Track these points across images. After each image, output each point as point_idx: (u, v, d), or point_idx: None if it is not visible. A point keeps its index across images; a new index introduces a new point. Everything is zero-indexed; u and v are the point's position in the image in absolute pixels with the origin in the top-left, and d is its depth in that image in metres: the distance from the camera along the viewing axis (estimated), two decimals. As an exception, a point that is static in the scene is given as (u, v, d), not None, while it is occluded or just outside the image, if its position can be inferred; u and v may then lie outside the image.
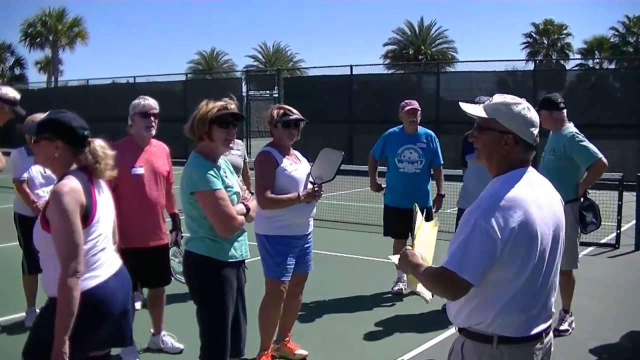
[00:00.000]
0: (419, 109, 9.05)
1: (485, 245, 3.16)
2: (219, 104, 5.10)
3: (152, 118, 6.66)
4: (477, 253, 3.17)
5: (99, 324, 4.13)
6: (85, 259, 3.99)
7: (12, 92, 6.73)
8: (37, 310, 7.76)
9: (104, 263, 4.21)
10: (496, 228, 3.15)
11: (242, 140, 9.04)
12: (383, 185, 9.44)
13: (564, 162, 7.47)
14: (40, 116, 7.78)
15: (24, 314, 7.87)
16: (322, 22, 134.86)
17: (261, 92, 33.01)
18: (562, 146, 7.47)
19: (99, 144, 4.33)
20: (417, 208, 3.99)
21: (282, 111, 6.44)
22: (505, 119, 3.34)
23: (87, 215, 4.05)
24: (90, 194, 4.12)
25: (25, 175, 7.67)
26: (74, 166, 4.20)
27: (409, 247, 3.65)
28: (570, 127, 7.57)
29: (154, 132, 6.70)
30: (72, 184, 4.01)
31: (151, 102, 6.74)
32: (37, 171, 7.70)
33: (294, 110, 6.50)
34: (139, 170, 6.57)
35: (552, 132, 7.66)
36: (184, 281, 5.96)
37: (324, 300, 8.86)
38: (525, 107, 3.37)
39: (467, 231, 3.22)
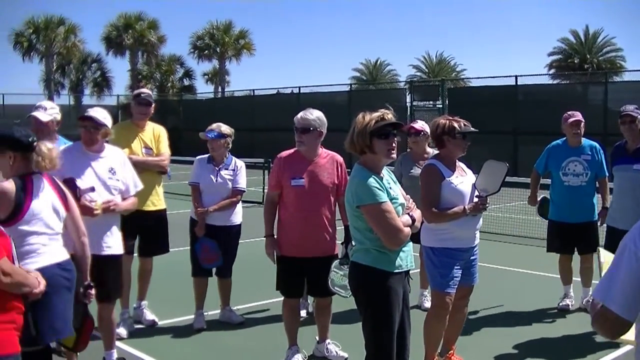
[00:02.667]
0: (583, 120, 8.82)
1: (634, 271, 2.84)
2: (376, 115, 5.10)
3: (300, 133, 6.68)
4: (625, 282, 2.86)
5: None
6: (23, 247, 4.67)
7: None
8: (206, 313, 8.09)
9: (45, 252, 4.83)
10: None
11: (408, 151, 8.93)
12: (539, 199, 9.27)
13: None
14: (222, 126, 8.11)
15: (192, 316, 8.18)
16: (485, 32, 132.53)
17: (425, 102, 32.91)
18: None
19: (44, 145, 4.88)
20: (600, 250, 3.66)
21: (455, 123, 6.39)
22: None
23: (17, 212, 4.70)
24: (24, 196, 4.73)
25: (197, 181, 8.06)
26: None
27: None
28: None
29: (302, 147, 6.72)
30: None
31: (302, 117, 6.72)
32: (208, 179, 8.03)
33: (466, 122, 6.50)
34: (300, 181, 6.68)
35: None
36: (343, 294, 6.02)
37: (487, 314, 8.76)
38: None
39: (617, 256, 2.95)
